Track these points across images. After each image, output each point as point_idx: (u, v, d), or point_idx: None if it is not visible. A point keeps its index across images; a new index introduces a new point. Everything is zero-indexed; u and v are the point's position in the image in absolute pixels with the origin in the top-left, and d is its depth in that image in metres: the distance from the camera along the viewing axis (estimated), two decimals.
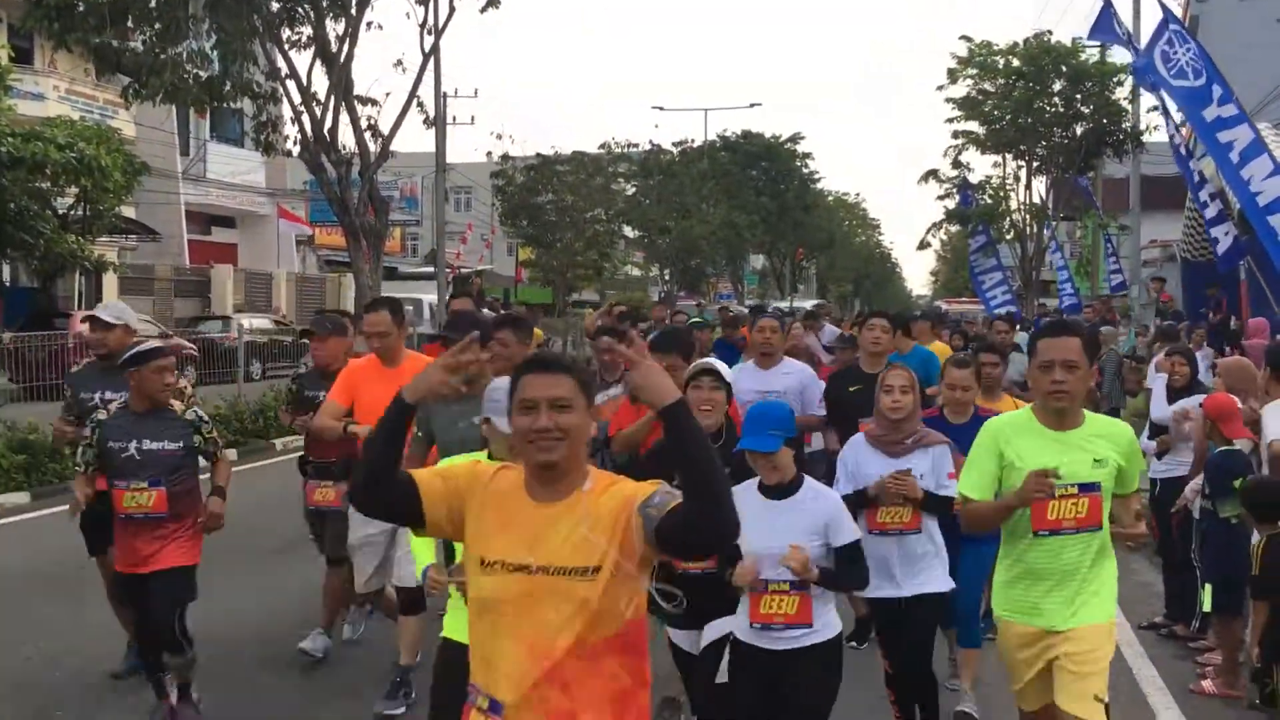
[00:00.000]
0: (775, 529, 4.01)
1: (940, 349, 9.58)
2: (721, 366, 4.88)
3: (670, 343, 5.71)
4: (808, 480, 4.24)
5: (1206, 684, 6.03)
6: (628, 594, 2.59)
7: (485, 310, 11.28)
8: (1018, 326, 19.29)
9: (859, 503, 4.79)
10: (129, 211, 25.28)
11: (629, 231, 42.52)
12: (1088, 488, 3.86)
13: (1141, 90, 14.18)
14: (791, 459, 4.18)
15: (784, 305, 33.03)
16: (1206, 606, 6.01)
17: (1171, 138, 13.14)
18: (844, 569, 4.11)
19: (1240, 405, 6.19)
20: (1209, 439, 6.16)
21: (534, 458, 2.61)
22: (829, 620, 4.13)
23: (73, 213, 21.40)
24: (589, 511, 2.59)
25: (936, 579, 4.94)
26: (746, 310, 16.35)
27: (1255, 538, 5.52)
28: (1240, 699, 5.86)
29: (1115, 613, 4.11)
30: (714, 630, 4.34)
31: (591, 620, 2.54)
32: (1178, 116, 12.37)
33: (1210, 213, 12.42)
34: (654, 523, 2.51)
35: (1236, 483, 5.86)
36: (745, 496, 3.95)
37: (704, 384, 4.67)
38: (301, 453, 7.06)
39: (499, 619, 2.61)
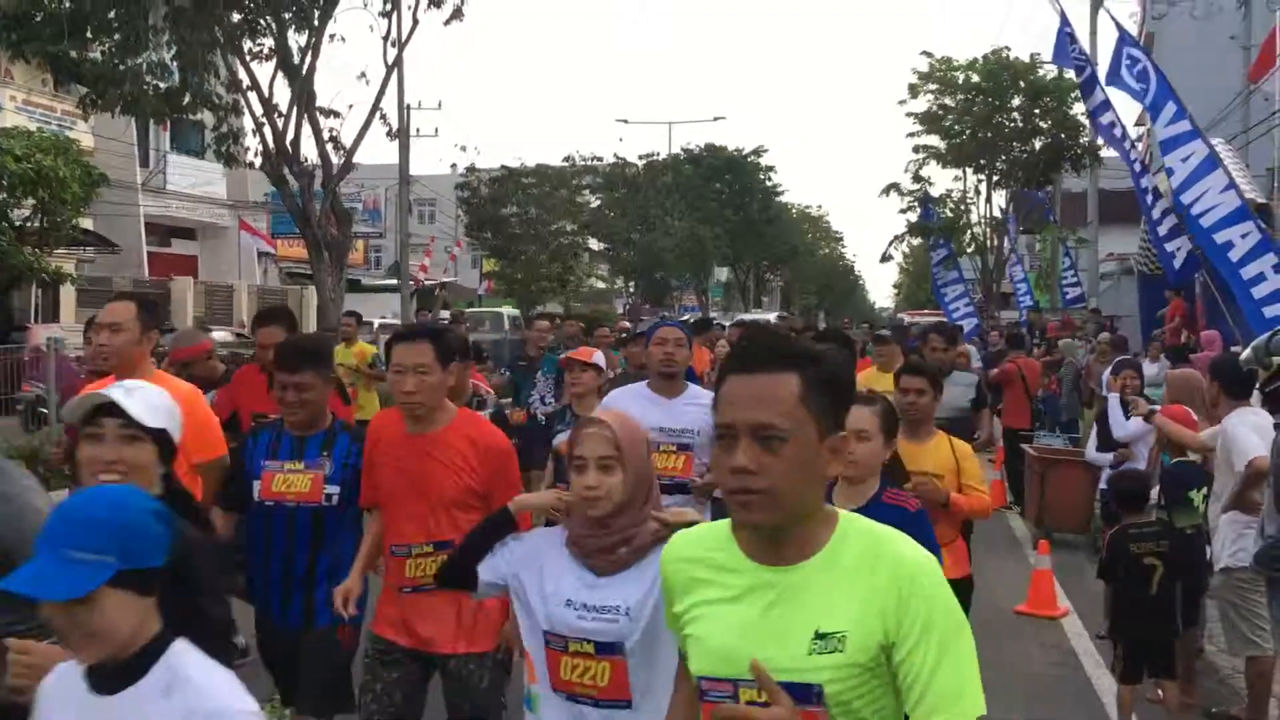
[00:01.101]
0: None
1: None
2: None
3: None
4: None
5: (1162, 693, 6.10)
6: None
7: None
8: (974, 339, 19.41)
9: None
10: (87, 223, 24.99)
11: (594, 244, 42.58)
12: None
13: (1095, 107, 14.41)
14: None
15: (748, 318, 33.14)
16: None
17: (1128, 153, 13.31)
18: None
19: (1194, 417, 6.29)
20: (1163, 450, 6.25)
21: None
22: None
23: (29, 224, 21.12)
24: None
25: None
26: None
27: (1222, 541, 5.55)
28: (1195, 705, 5.94)
29: None
30: None
31: None
32: (1134, 132, 12.57)
33: (1164, 228, 12.60)
34: None
35: (1191, 494, 5.94)
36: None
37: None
38: None
39: None
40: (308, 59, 16.39)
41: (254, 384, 5.55)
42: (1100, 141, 25.64)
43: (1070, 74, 25.86)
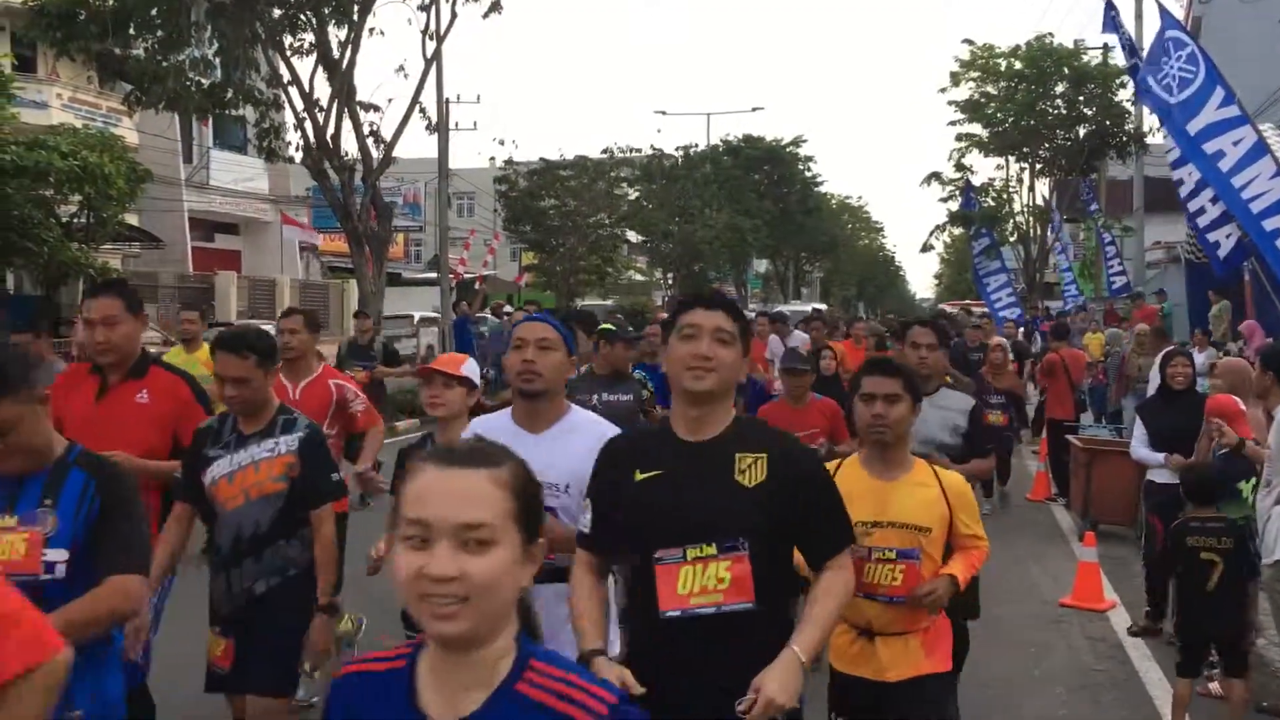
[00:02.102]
0: None
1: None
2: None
3: None
4: None
5: (1213, 686, 6.00)
6: None
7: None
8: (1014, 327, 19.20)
9: None
10: (132, 219, 25.30)
11: (632, 236, 42.53)
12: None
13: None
14: None
15: (786, 309, 33.02)
16: None
17: (1166, 139, 13.12)
18: None
19: (1242, 405, 6.17)
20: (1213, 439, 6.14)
21: None
22: None
23: (76, 221, 21.40)
24: None
25: None
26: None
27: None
28: (1248, 700, 5.83)
29: None
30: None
31: None
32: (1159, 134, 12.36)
33: (1213, 215, 12.39)
34: None
35: (1241, 484, 5.83)
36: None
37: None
38: None
39: None
40: (347, 53, 16.49)
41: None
42: (1147, 127, 25.29)
43: (1115, 60, 25.54)
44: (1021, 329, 20.64)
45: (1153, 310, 17.31)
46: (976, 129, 29.42)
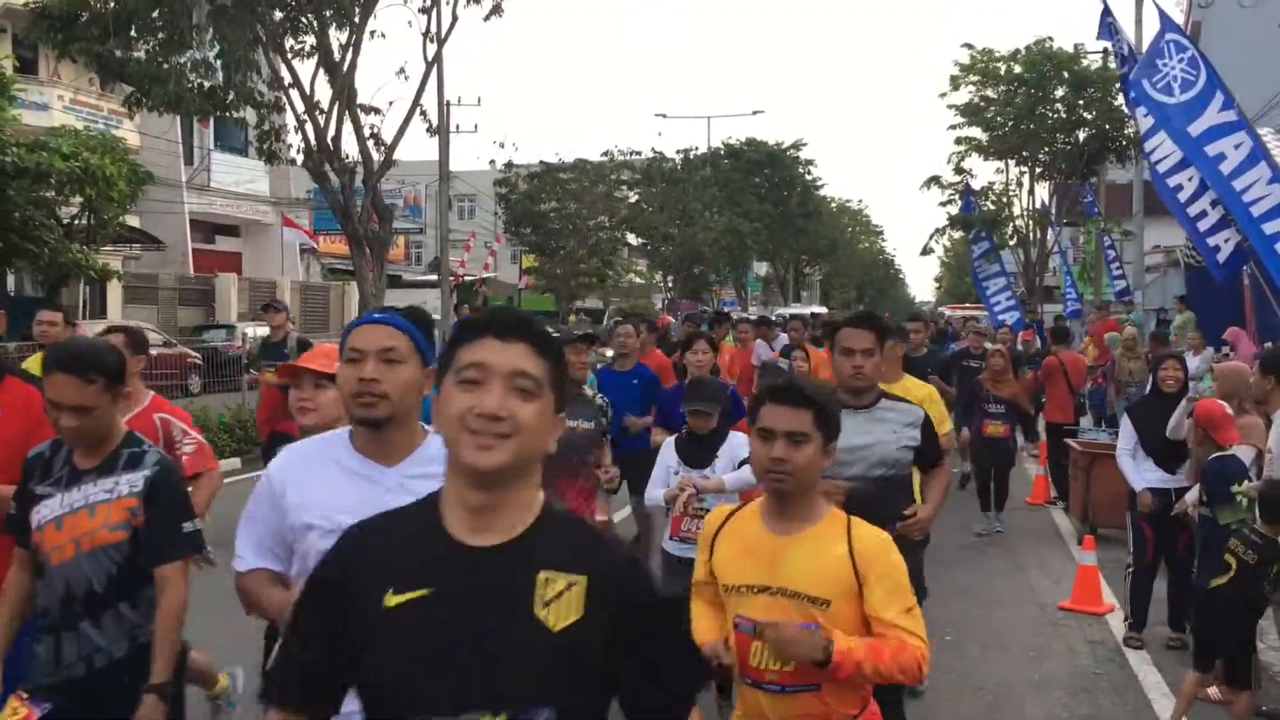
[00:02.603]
0: None
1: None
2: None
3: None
4: None
5: (1212, 690, 6.02)
6: None
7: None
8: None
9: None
10: (133, 221, 25.36)
11: (632, 239, 42.58)
12: None
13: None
14: None
15: (786, 311, 33.06)
16: None
17: (1153, 151, 13.05)
18: None
19: (1229, 410, 6.19)
20: (1202, 446, 6.15)
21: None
22: None
23: (77, 222, 21.45)
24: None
25: None
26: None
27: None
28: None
29: None
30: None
31: None
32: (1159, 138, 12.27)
33: (1213, 219, 12.40)
34: None
35: (1234, 487, 5.83)
36: None
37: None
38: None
39: None
40: (348, 56, 16.50)
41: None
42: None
43: (1115, 64, 25.59)
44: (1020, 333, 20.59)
45: (1112, 322, 17.44)
46: (976, 133, 29.43)
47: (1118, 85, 26.86)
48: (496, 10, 17.19)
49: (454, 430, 1.74)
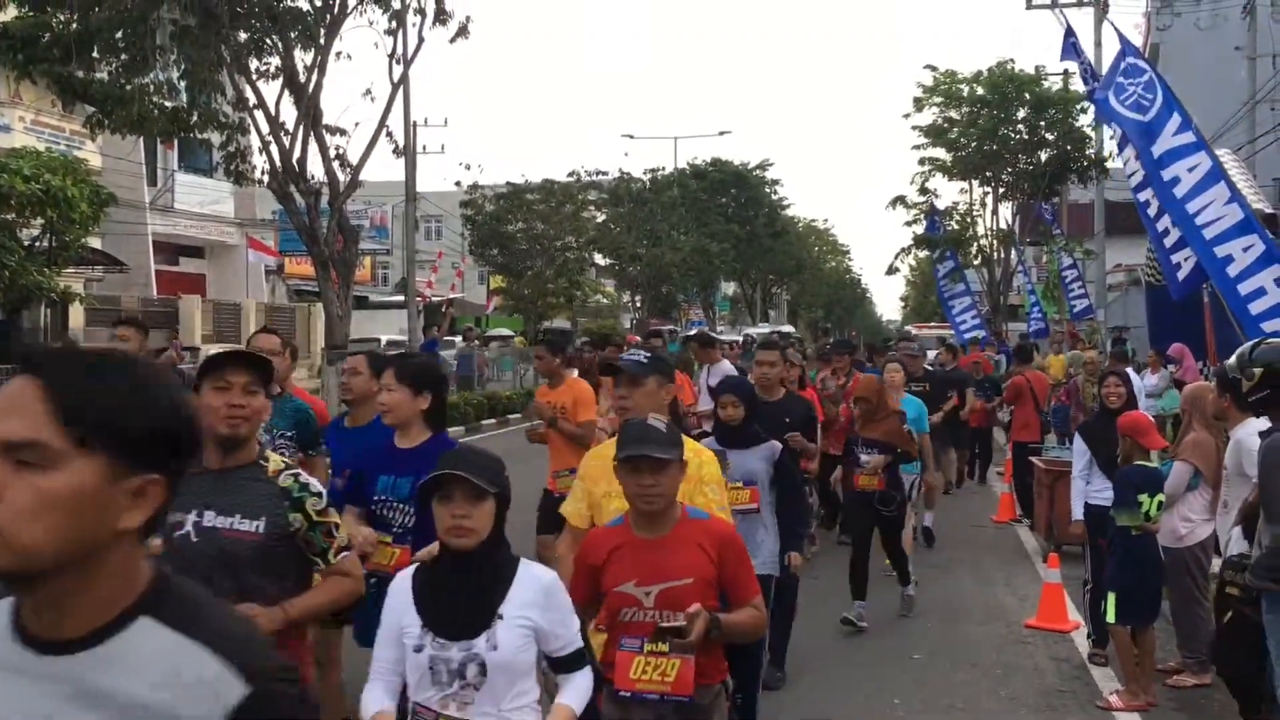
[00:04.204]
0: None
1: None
2: None
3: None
4: None
5: (1113, 699, 6.11)
6: None
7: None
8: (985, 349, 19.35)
9: None
10: (95, 242, 25.08)
11: (600, 259, 42.62)
12: None
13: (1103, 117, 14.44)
14: None
15: (754, 332, 33.16)
16: (1110, 617, 6.10)
17: (1125, 164, 13.26)
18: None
19: (1151, 418, 6.40)
20: (1131, 454, 6.29)
21: None
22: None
23: (38, 244, 21.19)
24: None
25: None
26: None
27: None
28: (1144, 709, 5.93)
29: None
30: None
31: None
32: (1127, 153, 12.48)
33: (1171, 239, 12.56)
34: None
35: (1142, 496, 5.99)
36: None
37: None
38: None
39: None
40: (314, 77, 16.46)
41: None
42: (1107, 152, 25.63)
43: (1076, 85, 25.92)
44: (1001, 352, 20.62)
45: (978, 354, 17.59)
46: (940, 153, 29.73)
47: (1079, 106, 27.27)
48: (463, 32, 17.21)
49: None
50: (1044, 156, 28.53)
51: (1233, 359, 5.52)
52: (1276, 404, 4.94)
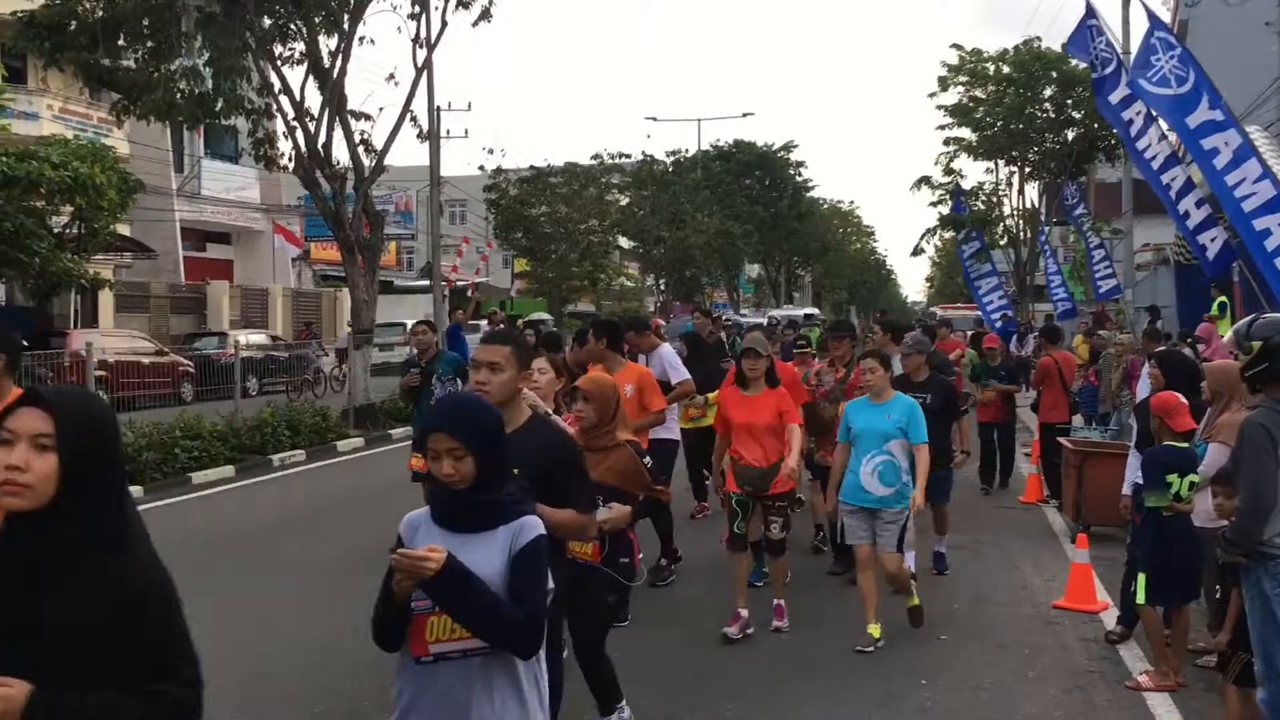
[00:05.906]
0: None
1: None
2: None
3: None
4: None
5: (1142, 679, 6.10)
6: None
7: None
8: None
9: None
10: (124, 229, 25.29)
11: (624, 242, 42.59)
12: None
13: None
14: None
15: (778, 314, 33.09)
16: (1140, 598, 6.08)
17: (1138, 143, 13.07)
18: None
19: (1182, 399, 6.31)
20: (1160, 434, 6.25)
21: None
22: None
23: (68, 231, 21.39)
24: None
25: None
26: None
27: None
28: (1174, 690, 5.92)
29: None
30: None
31: None
32: (1162, 125, 12.35)
33: (1198, 218, 12.45)
34: None
35: (1171, 477, 5.95)
36: None
37: None
38: None
39: None
40: (338, 62, 16.52)
41: None
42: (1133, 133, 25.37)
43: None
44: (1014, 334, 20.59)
45: (956, 342, 17.38)
46: (965, 133, 29.54)
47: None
48: (485, 15, 17.24)
49: None
50: (1071, 135, 28.31)
51: (1228, 335, 5.48)
52: (1273, 378, 4.90)
